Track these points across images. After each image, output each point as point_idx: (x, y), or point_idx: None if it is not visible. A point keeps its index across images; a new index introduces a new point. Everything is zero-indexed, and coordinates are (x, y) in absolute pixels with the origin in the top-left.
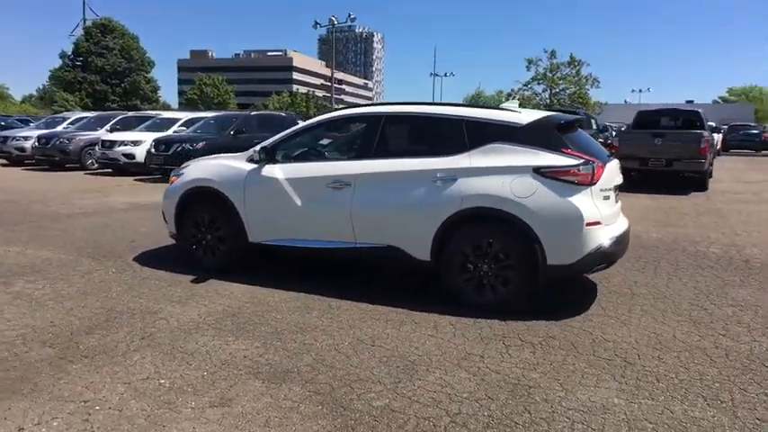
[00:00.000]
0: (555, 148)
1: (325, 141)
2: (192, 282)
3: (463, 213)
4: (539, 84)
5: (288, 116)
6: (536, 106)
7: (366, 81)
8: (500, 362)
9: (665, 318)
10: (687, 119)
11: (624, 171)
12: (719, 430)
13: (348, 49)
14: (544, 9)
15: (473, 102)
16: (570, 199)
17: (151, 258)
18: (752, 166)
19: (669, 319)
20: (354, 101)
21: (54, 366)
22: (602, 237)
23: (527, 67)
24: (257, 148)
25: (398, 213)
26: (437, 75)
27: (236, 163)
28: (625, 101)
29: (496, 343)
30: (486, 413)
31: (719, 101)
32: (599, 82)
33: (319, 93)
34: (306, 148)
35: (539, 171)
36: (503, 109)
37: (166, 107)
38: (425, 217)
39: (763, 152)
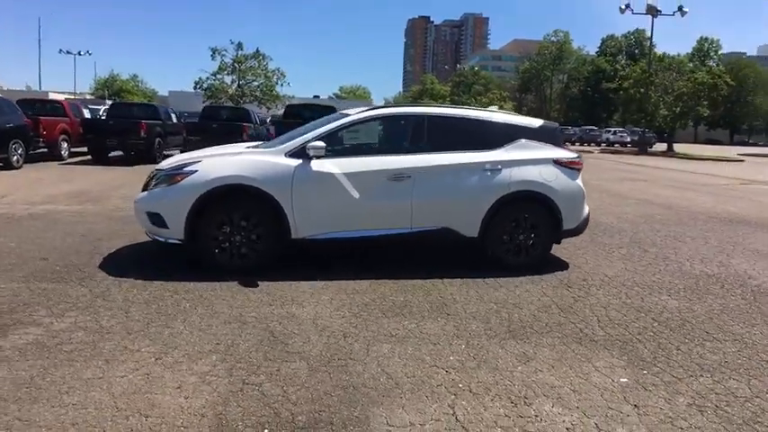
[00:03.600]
0: (558, 144)
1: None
2: (243, 285)
3: (509, 196)
4: (228, 75)
5: (6, 100)
6: (232, 98)
7: None
8: (601, 297)
9: (626, 260)
10: (323, 112)
11: None
12: None
13: None
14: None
15: (107, 84)
16: (576, 181)
17: (130, 271)
18: None
19: (632, 261)
20: None
21: (339, 372)
22: (587, 207)
23: (212, 56)
24: (313, 143)
25: (456, 199)
26: (69, 53)
27: (274, 158)
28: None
29: (574, 289)
30: (663, 320)
31: (334, 97)
32: (285, 76)
33: None
34: (348, 143)
35: (557, 161)
36: (497, 111)
37: None
38: (479, 201)
39: None
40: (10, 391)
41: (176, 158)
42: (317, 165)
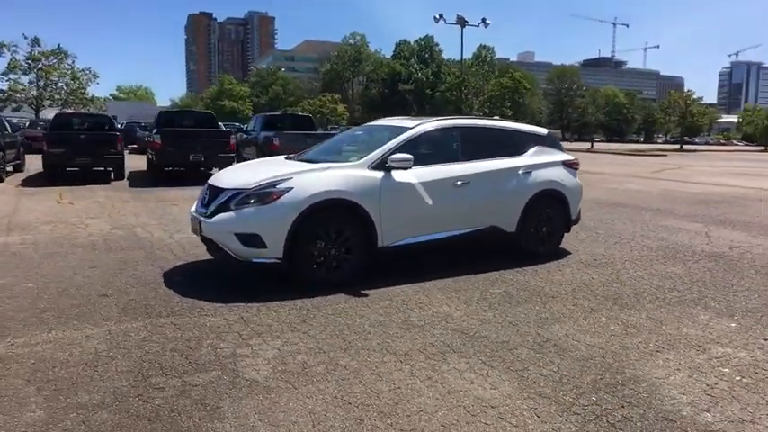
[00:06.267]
0: (560, 149)
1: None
2: (355, 296)
3: (538, 194)
4: (25, 74)
5: None
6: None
7: None
8: (628, 271)
9: (598, 242)
10: (200, 119)
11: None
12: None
13: None
14: None
15: None
16: (577, 179)
17: (226, 295)
18: None
19: (602, 242)
20: None
21: (560, 351)
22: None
23: None
24: (397, 155)
25: (502, 199)
26: None
27: (361, 171)
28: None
29: (601, 268)
30: (690, 282)
31: (111, 98)
32: (98, 77)
33: None
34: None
35: (564, 163)
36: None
37: None
38: (518, 200)
39: None
40: (359, 410)
41: (250, 176)
42: (400, 176)
